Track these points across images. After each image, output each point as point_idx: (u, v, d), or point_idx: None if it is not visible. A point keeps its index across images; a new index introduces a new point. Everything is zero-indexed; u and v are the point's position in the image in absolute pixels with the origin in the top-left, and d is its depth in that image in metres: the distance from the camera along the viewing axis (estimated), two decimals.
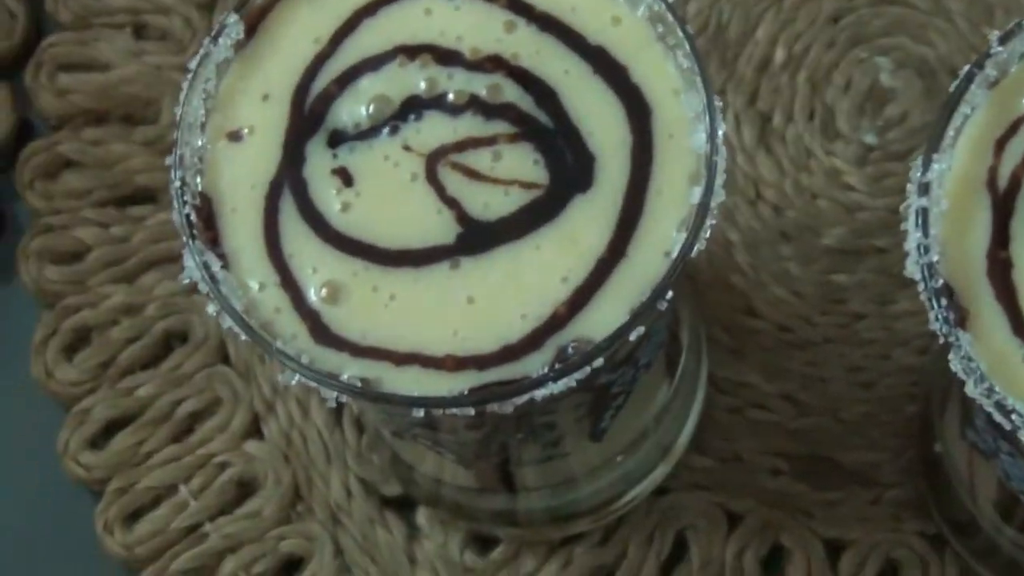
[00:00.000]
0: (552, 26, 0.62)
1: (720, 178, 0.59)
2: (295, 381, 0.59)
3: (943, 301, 0.57)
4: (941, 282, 0.57)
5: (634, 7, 0.62)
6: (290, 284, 0.59)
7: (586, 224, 0.59)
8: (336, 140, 0.61)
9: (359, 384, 0.58)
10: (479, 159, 0.60)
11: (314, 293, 0.59)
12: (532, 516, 0.77)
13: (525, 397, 0.57)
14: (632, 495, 0.77)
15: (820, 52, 0.84)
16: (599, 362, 0.57)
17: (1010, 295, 0.58)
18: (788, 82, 0.83)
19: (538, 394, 0.57)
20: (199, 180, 0.61)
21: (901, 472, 0.78)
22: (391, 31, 0.62)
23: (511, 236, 0.59)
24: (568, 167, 0.60)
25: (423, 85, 0.61)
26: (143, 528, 0.79)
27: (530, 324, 0.58)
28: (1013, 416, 0.56)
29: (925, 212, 0.58)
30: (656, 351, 0.67)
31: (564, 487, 0.74)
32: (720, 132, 0.59)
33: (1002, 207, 0.59)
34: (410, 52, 0.62)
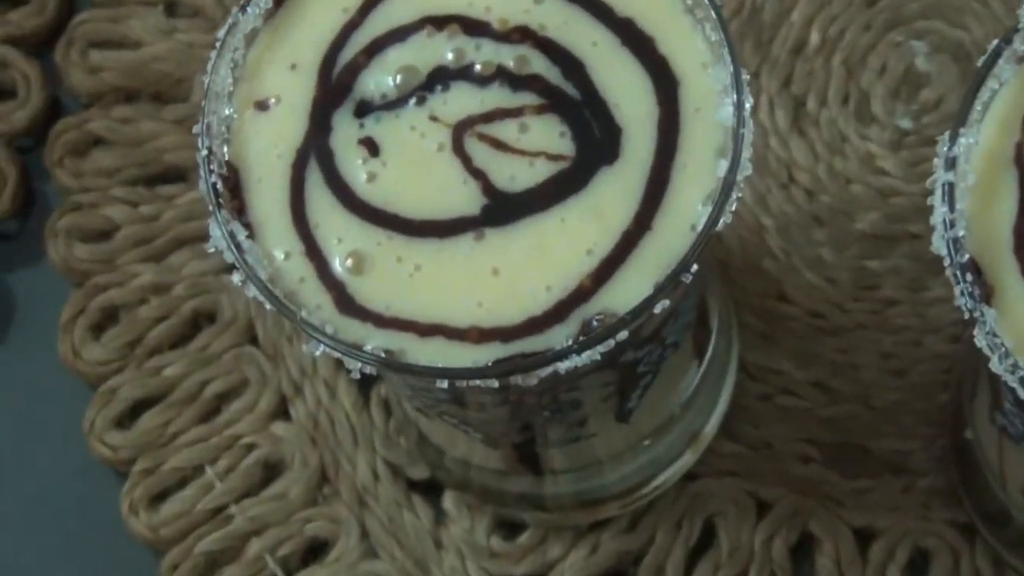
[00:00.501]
0: None
1: (747, 151, 0.58)
2: (319, 352, 0.59)
3: (968, 276, 0.56)
4: (967, 257, 0.57)
5: None
6: (315, 254, 0.59)
7: (612, 197, 0.59)
8: (363, 110, 0.61)
9: (383, 355, 0.58)
10: (505, 130, 0.60)
11: (339, 263, 0.59)
12: (560, 500, 0.76)
13: (549, 369, 0.57)
14: (660, 481, 0.77)
15: (855, 35, 0.83)
16: (624, 335, 0.57)
17: None
18: (823, 65, 0.83)
19: (562, 367, 0.57)
20: (226, 149, 0.61)
21: (933, 461, 0.77)
22: (419, 1, 0.62)
23: (537, 208, 0.59)
24: (594, 139, 0.60)
25: (450, 56, 0.61)
26: (168, 509, 0.79)
27: (555, 296, 0.58)
28: None
29: (951, 187, 0.58)
30: (684, 332, 0.67)
31: (591, 471, 0.74)
32: (748, 105, 0.59)
33: None
34: (438, 23, 0.61)
